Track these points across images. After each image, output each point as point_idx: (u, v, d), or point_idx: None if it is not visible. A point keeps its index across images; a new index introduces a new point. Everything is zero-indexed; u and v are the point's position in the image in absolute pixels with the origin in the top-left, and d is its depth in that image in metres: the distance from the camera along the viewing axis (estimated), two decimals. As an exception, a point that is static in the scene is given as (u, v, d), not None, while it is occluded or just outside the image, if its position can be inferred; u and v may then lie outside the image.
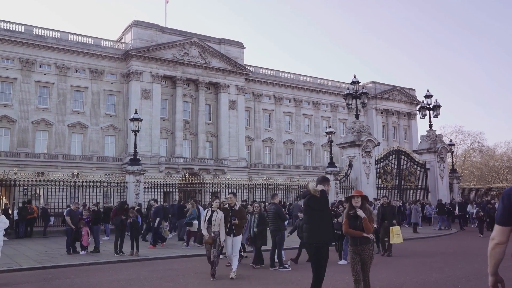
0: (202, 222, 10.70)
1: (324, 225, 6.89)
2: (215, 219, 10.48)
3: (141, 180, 24.75)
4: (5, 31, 45.67)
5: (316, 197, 6.89)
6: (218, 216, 10.53)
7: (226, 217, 10.66)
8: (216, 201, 11.03)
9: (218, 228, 10.44)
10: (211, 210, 10.72)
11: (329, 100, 67.91)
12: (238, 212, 10.96)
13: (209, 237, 10.40)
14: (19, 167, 37.04)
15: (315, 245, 6.90)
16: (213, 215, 10.54)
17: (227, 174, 46.27)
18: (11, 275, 11.85)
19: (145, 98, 50.40)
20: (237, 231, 10.90)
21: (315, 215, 6.91)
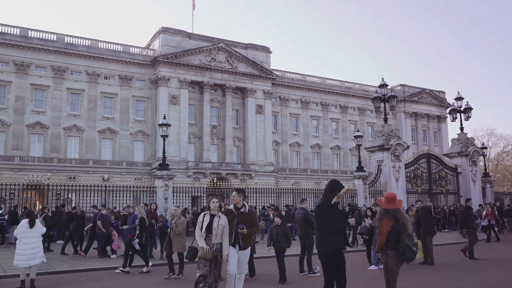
0: (198, 231, 7.82)
1: (334, 232, 6.85)
2: (217, 226, 7.68)
3: (169, 185, 24.98)
4: (38, 40, 47.00)
5: (326, 206, 6.91)
6: (220, 222, 7.73)
7: (230, 222, 7.92)
8: (214, 201, 7.92)
9: (221, 239, 7.72)
10: (210, 214, 7.87)
11: (356, 104, 67.29)
12: (247, 217, 8.15)
13: (208, 251, 7.57)
14: (52, 172, 37.99)
15: (324, 251, 6.90)
16: (213, 220, 7.75)
17: (254, 179, 46.27)
18: (45, 278, 12.12)
19: (173, 103, 50.99)
20: (244, 243, 8.08)
21: (326, 223, 6.90)
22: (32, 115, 45.90)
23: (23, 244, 10.67)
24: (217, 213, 7.88)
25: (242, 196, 8.26)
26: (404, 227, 6.82)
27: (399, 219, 6.85)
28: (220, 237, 7.68)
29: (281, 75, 61.16)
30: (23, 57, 45.78)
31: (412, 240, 6.84)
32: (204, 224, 7.79)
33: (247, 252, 8.22)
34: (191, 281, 8.66)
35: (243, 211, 8.14)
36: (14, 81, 45.36)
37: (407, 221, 6.97)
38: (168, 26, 53.42)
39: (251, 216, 8.23)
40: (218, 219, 7.79)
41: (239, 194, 8.26)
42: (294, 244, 12.71)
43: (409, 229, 6.91)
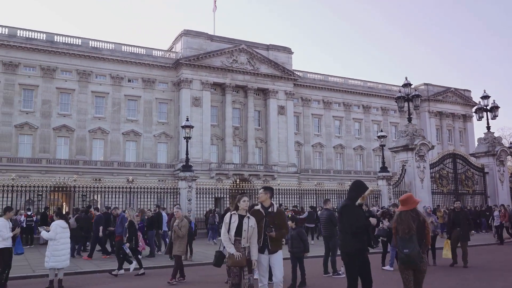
0: (225, 234, 7.01)
1: (357, 233, 6.82)
2: (248, 228, 6.96)
3: (193, 186, 25.16)
4: (63, 44, 47.94)
5: (349, 207, 6.88)
6: (250, 223, 7.01)
7: (257, 224, 7.18)
8: (246, 200, 7.18)
9: (248, 242, 7.02)
10: (239, 215, 7.08)
11: (379, 104, 66.60)
12: (276, 217, 7.42)
13: (240, 257, 6.83)
14: (77, 174, 38.67)
15: (347, 252, 6.89)
16: (243, 221, 7.01)
17: (277, 180, 46.21)
18: (73, 278, 12.33)
19: (195, 105, 51.34)
20: (273, 246, 7.34)
21: (349, 224, 6.88)
22: (58, 118, 46.82)
23: (60, 244, 10.84)
24: (246, 213, 7.13)
25: (269, 194, 7.54)
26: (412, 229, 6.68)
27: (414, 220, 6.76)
28: (248, 241, 6.97)
29: (303, 76, 60.98)
30: (49, 62, 46.77)
31: (404, 243, 6.66)
32: (233, 226, 6.96)
33: (278, 255, 7.42)
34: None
35: (271, 211, 7.42)
36: (41, 85, 46.37)
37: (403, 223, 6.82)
38: (190, 29, 53.84)
39: (280, 217, 7.51)
40: (248, 220, 7.03)
41: (266, 192, 7.53)
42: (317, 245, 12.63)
43: (400, 231, 6.78)
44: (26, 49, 45.83)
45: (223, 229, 7.12)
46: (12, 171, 38.61)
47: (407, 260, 6.51)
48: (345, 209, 6.94)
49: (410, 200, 6.83)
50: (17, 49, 45.47)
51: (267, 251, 7.30)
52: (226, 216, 7.21)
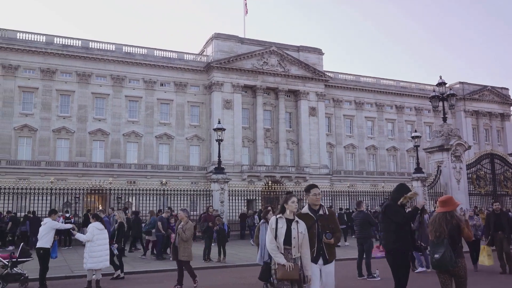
0: (272, 241, 5.85)
1: (401, 232, 6.86)
2: (298, 235, 5.82)
3: (225, 188, 25.32)
4: (98, 50, 49.15)
5: (392, 206, 6.96)
6: (300, 229, 5.87)
7: (308, 230, 6.02)
8: (295, 201, 6.02)
9: (299, 252, 5.84)
10: (286, 219, 5.93)
11: (413, 104, 65.39)
12: (330, 221, 6.33)
13: (292, 269, 5.69)
14: (112, 177, 39.50)
15: (392, 253, 6.88)
16: (291, 227, 5.85)
17: (309, 181, 46.04)
18: (109, 278, 12.58)
19: (226, 108, 51.67)
20: (330, 255, 6.26)
21: (392, 224, 6.92)
22: (93, 123, 47.98)
23: (97, 246, 11.12)
24: (294, 217, 5.98)
25: (317, 191, 6.41)
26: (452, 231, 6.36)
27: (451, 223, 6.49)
28: (299, 250, 5.81)
29: (334, 77, 60.52)
30: (84, 68, 48.02)
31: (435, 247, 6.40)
32: (281, 232, 5.83)
33: (332, 266, 6.28)
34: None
35: (323, 214, 6.30)
36: (77, 90, 47.64)
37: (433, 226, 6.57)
38: (221, 32, 54.28)
39: (333, 219, 6.43)
40: (297, 225, 5.88)
41: (314, 190, 6.38)
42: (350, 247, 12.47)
43: (430, 235, 6.56)
44: (63, 56, 47.19)
45: (268, 236, 5.93)
46: (50, 174, 39.82)
47: (438, 265, 6.29)
48: (388, 208, 7.06)
49: (450, 202, 6.58)
50: (54, 56, 46.89)
51: (321, 261, 6.16)
52: (272, 220, 6.08)
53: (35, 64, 46.22)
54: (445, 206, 6.54)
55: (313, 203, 6.34)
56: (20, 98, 45.69)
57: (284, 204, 6.05)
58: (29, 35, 47.11)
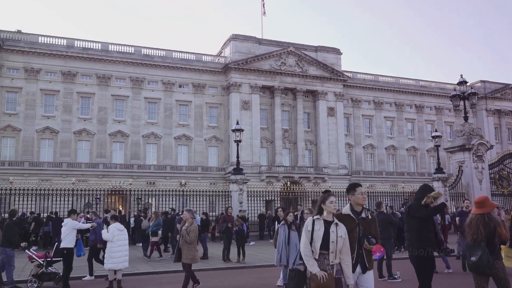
0: (307, 246, 5.24)
1: (425, 232, 6.85)
2: (336, 239, 5.20)
3: (244, 189, 25.37)
4: (117, 53, 49.72)
5: (416, 205, 6.96)
6: (340, 233, 5.26)
7: (349, 234, 5.39)
8: (333, 201, 5.38)
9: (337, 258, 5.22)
10: (324, 221, 5.31)
11: (433, 103, 64.56)
12: (372, 225, 5.80)
13: (327, 278, 5.05)
14: (132, 178, 39.89)
15: (415, 253, 6.85)
16: (330, 230, 5.24)
17: (328, 182, 45.82)
18: (129, 279, 12.71)
19: (244, 109, 51.75)
20: (370, 262, 5.71)
21: (416, 223, 6.93)
22: (113, 124, 48.54)
23: (116, 246, 11.25)
24: (333, 219, 5.36)
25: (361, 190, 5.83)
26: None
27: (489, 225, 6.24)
28: (337, 256, 5.20)
29: (353, 76, 60.12)
30: (104, 70, 48.62)
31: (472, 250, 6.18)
32: (318, 236, 5.20)
33: (371, 274, 5.75)
34: None
35: (365, 217, 5.74)
36: (97, 92, 48.27)
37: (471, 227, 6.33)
38: (238, 33, 54.41)
39: (375, 225, 5.87)
40: (336, 227, 5.26)
41: (358, 189, 5.79)
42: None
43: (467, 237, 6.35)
44: (83, 59, 47.87)
45: (303, 239, 5.31)
46: (72, 175, 40.40)
47: (474, 267, 6.08)
48: (412, 208, 7.08)
49: (487, 203, 6.21)
50: (75, 59, 47.58)
51: (359, 269, 5.59)
52: (308, 222, 5.44)
53: (56, 67, 46.99)
54: (481, 207, 6.20)
55: (357, 203, 5.75)
56: (42, 101, 46.49)
57: (321, 204, 5.44)
58: (50, 38, 47.93)
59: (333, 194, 5.52)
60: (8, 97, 45.44)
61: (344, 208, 5.82)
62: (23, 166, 43.95)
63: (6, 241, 11.41)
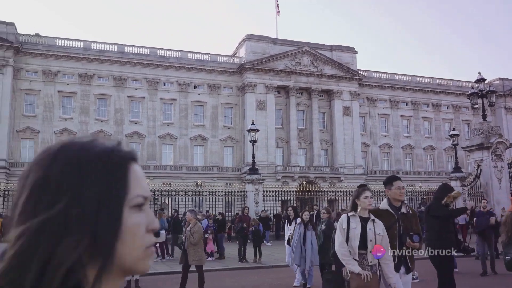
0: (343, 245, 4.92)
1: (444, 232, 6.82)
2: (374, 237, 4.85)
3: (260, 189, 25.39)
4: (133, 55, 50.15)
5: (436, 205, 6.95)
6: (377, 230, 4.90)
7: (387, 231, 5.00)
8: (367, 196, 5.03)
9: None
10: (360, 217, 4.98)
11: (450, 101, 63.76)
12: (413, 221, 5.41)
13: (370, 278, 4.72)
14: (149, 179, 40.18)
15: (435, 253, 6.79)
16: (367, 227, 4.89)
17: (344, 182, 45.57)
18: (148, 278, 12.81)
19: (260, 109, 51.76)
20: (412, 262, 5.39)
21: (436, 223, 6.90)
22: (130, 125, 48.95)
23: None
24: (369, 215, 5.00)
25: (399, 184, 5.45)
26: None
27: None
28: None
29: (368, 75, 59.68)
30: (120, 72, 49.07)
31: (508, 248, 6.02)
32: (355, 234, 4.84)
33: (410, 276, 5.52)
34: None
35: (406, 212, 5.32)
36: (113, 94, 48.73)
37: None
38: (253, 33, 54.44)
39: (417, 219, 5.50)
40: (373, 225, 4.88)
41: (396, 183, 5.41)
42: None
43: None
44: (100, 61, 48.37)
45: (338, 238, 4.94)
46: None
47: (510, 267, 5.94)
48: (432, 207, 7.10)
49: None
50: (91, 61, 48.11)
51: (404, 269, 5.21)
52: (342, 219, 5.06)
53: (74, 70, 47.57)
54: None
55: (395, 198, 5.33)
56: (60, 103, 47.12)
57: (355, 200, 5.03)
58: (67, 41, 48.55)
59: (368, 188, 5.19)
60: (27, 99, 46.16)
61: (382, 203, 5.56)
62: (41, 167, 44.54)
63: None
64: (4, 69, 43.82)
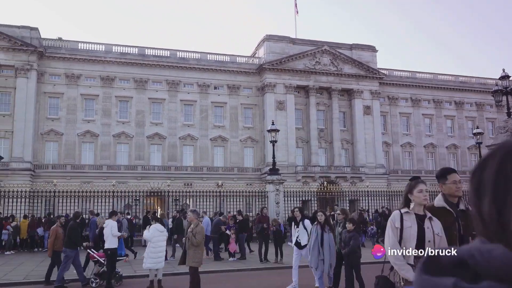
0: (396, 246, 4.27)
1: None
2: (433, 238, 4.24)
3: (280, 189, 25.35)
4: (153, 57, 50.66)
5: None
6: (436, 229, 4.29)
7: (446, 231, 4.36)
8: (421, 189, 4.51)
9: None
10: (416, 215, 4.37)
11: (473, 99, 62.67)
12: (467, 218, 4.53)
13: None
14: (170, 180, 40.54)
15: None
16: (424, 226, 4.27)
17: (365, 182, 45.18)
18: (170, 279, 12.93)
19: (279, 109, 51.72)
20: None
21: None
22: (151, 127, 49.45)
23: (157, 247, 11.49)
24: (425, 212, 4.35)
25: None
26: None
27: None
28: None
29: (389, 74, 59.08)
30: (141, 74, 49.62)
31: None
32: (410, 234, 4.18)
33: None
34: None
35: (465, 209, 4.51)
36: (135, 96, 49.30)
37: None
38: (272, 34, 54.42)
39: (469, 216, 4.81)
40: (431, 223, 4.26)
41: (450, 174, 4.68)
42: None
43: None
44: (121, 64, 49.00)
45: (390, 239, 4.27)
46: (112, 177, 41.45)
47: None
48: None
49: None
50: (113, 64, 48.78)
51: None
52: (394, 217, 4.38)
53: (96, 73, 48.29)
54: None
55: (451, 193, 4.57)
56: (82, 105, 47.88)
57: (407, 195, 4.36)
58: (89, 45, 49.35)
59: (422, 181, 4.62)
60: (51, 102, 47.04)
61: (436, 200, 4.71)
62: (65, 169, 45.37)
63: (69, 241, 11.91)
64: (29, 73, 44.79)
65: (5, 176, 37.79)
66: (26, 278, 13.38)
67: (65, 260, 11.83)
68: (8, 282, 12.87)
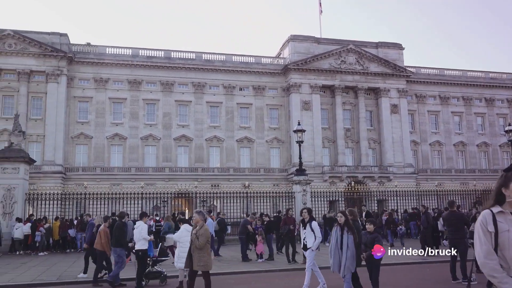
0: (489, 254, 3.28)
1: None
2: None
3: (307, 190, 25.28)
4: (179, 60, 51.23)
5: None
6: None
7: None
8: None
9: None
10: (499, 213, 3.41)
11: (505, 95, 61.10)
12: None
13: None
14: (197, 181, 40.92)
15: None
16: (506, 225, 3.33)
17: (393, 181, 44.54)
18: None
19: (305, 109, 51.55)
20: None
21: None
22: (177, 129, 49.99)
23: (186, 247, 11.61)
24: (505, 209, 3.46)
25: None
26: None
27: None
28: None
29: (416, 72, 58.18)
30: (167, 77, 50.24)
31: None
32: (509, 238, 3.32)
33: None
34: None
35: None
36: (161, 99, 49.95)
37: None
38: (296, 34, 54.29)
39: None
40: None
41: None
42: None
43: None
44: (148, 67, 49.73)
45: (481, 246, 3.37)
46: (140, 179, 42.11)
47: None
48: None
49: None
50: (140, 67, 49.55)
51: None
52: (484, 218, 3.43)
53: (123, 76, 49.14)
54: None
55: None
56: (111, 108, 48.78)
57: (501, 189, 3.49)
58: (116, 49, 50.26)
59: None
60: (80, 106, 48.09)
61: None
62: (95, 171, 46.29)
63: (116, 241, 12.19)
64: (59, 78, 45.93)
65: (38, 179, 38.76)
66: (59, 279, 13.71)
67: (118, 259, 12.14)
68: (41, 283, 13.20)
